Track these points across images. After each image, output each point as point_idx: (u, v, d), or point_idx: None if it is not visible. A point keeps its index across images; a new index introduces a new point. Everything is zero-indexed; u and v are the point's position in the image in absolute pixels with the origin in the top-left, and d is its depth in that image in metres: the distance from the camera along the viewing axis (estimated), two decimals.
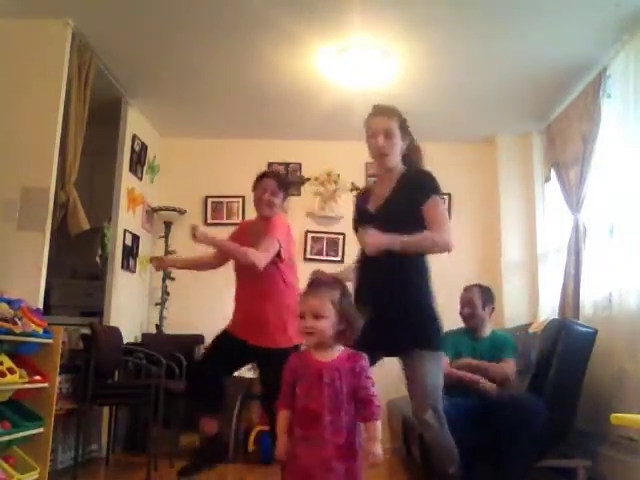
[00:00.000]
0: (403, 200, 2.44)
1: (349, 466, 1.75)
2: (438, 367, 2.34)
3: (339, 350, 1.85)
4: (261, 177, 3.13)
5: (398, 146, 2.52)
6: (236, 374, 3.39)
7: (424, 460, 2.52)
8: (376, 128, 2.47)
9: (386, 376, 2.53)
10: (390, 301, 2.32)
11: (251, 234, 3.08)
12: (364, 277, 2.43)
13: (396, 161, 2.56)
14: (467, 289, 3.48)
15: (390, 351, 2.36)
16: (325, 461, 1.72)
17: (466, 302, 3.40)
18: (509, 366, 3.21)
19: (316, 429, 1.74)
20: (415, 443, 2.85)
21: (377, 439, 1.75)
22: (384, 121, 2.48)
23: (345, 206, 5.04)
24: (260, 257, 2.84)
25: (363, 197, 2.66)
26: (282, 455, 1.83)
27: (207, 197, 5.33)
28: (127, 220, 4.66)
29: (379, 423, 1.78)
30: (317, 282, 1.93)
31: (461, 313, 3.41)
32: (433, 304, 2.41)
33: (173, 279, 5.04)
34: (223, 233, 5.09)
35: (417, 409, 2.29)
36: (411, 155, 2.60)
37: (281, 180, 3.17)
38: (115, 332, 4.06)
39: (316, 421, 1.74)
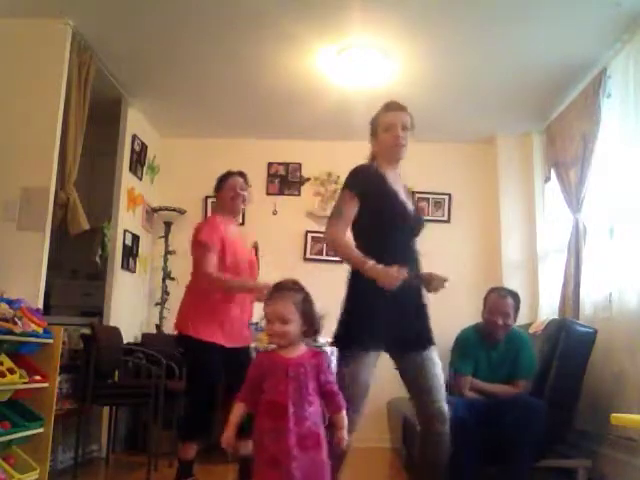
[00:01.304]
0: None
1: (314, 456, 1.84)
2: None
3: (303, 348, 1.98)
4: (226, 176, 3.17)
5: (409, 143, 2.54)
6: None
7: (424, 458, 2.52)
8: (394, 121, 2.48)
9: (386, 376, 2.52)
10: (419, 303, 2.44)
11: (238, 238, 3.15)
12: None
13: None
14: (502, 296, 3.18)
15: (416, 347, 2.40)
16: (289, 449, 1.80)
17: (502, 313, 3.13)
18: (519, 389, 3.13)
19: (282, 420, 1.83)
20: (416, 441, 2.83)
21: (344, 427, 1.91)
22: (402, 115, 2.51)
23: None
24: None
25: (378, 178, 2.45)
26: (228, 444, 1.93)
27: (207, 197, 5.32)
28: (127, 220, 4.66)
29: (344, 412, 1.93)
30: (281, 286, 2.00)
31: (493, 321, 3.13)
32: None
33: (173, 279, 5.04)
34: None
35: (440, 400, 2.35)
36: None
37: (245, 177, 3.24)
38: (115, 332, 4.06)
39: (282, 412, 1.84)
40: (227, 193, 3.11)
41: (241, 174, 3.22)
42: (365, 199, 2.40)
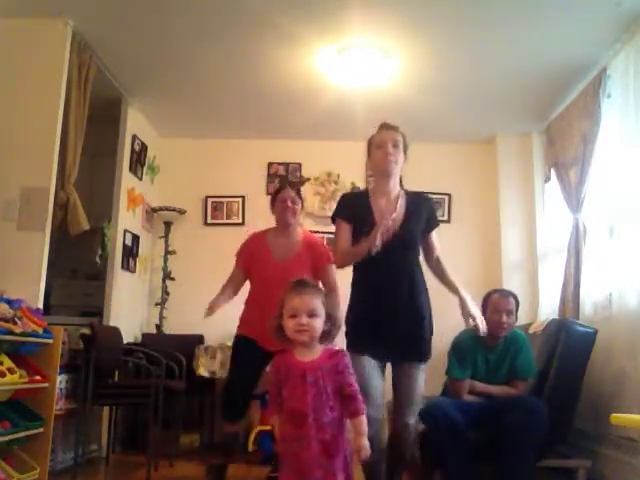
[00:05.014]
0: (418, 224, 2.60)
1: (336, 462, 1.79)
2: (424, 376, 2.56)
3: (320, 349, 1.90)
4: (278, 191, 3.30)
5: (401, 160, 2.59)
6: None
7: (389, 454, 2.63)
8: (384, 139, 2.56)
9: (386, 378, 2.53)
10: (406, 316, 2.50)
11: (279, 249, 3.18)
12: (378, 289, 2.51)
13: (398, 174, 2.63)
14: (505, 295, 3.19)
15: (397, 359, 2.53)
16: (313, 458, 1.77)
17: (506, 310, 3.10)
18: (518, 390, 3.12)
19: (303, 428, 1.78)
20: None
21: (365, 434, 1.82)
22: (392, 133, 2.59)
23: None
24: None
25: (360, 204, 2.60)
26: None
27: (207, 197, 5.33)
28: (127, 220, 4.66)
29: (364, 417, 1.85)
30: (305, 282, 1.96)
31: (497, 319, 3.08)
32: (431, 313, 2.62)
33: (173, 279, 5.05)
34: (222, 233, 5.10)
35: (406, 413, 2.51)
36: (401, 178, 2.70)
37: (297, 189, 3.39)
38: (115, 332, 4.06)
39: (302, 420, 1.79)
40: (278, 205, 3.23)
41: (291, 185, 3.48)
42: (351, 221, 2.59)
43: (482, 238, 5.18)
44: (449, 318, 3.25)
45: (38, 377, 2.83)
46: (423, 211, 2.64)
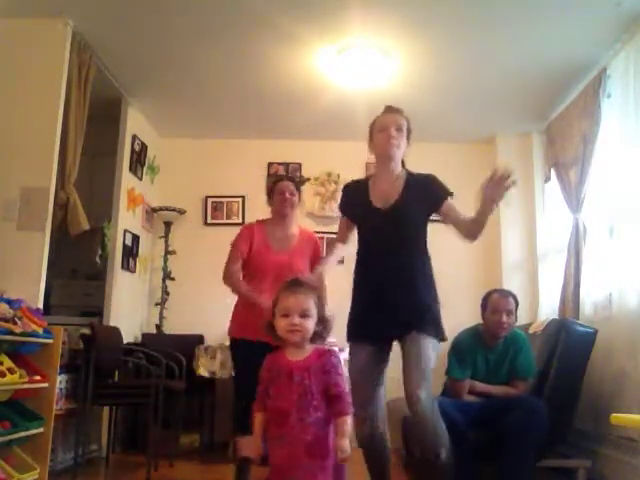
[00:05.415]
0: (415, 202, 2.54)
1: (321, 463, 1.77)
2: (435, 354, 2.40)
3: (310, 349, 1.89)
4: (276, 182, 3.26)
5: (404, 144, 2.57)
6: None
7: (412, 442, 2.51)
8: (388, 122, 2.53)
9: (386, 376, 2.52)
10: (405, 300, 2.43)
11: (276, 240, 3.11)
12: (371, 269, 2.50)
13: (400, 158, 2.60)
14: (504, 295, 3.20)
15: (396, 333, 2.43)
16: (294, 458, 1.76)
17: (506, 310, 3.11)
18: (518, 390, 3.11)
19: (285, 427, 1.78)
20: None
21: (345, 435, 1.77)
22: (396, 117, 2.55)
23: None
24: None
25: (358, 190, 2.62)
26: (256, 456, 1.88)
27: (207, 197, 5.33)
28: (127, 220, 4.66)
29: (348, 418, 1.81)
30: (299, 282, 1.94)
31: (497, 319, 3.10)
32: (437, 298, 2.55)
33: (173, 279, 5.05)
34: (222, 233, 5.10)
35: (412, 382, 2.30)
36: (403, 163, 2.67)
37: (295, 182, 3.34)
38: (115, 332, 4.06)
39: (285, 419, 1.78)
40: (276, 197, 3.19)
41: (290, 178, 3.42)
42: (349, 215, 2.64)
43: (482, 238, 5.11)
44: (449, 318, 3.25)
45: (38, 377, 2.83)
46: (424, 191, 2.58)
